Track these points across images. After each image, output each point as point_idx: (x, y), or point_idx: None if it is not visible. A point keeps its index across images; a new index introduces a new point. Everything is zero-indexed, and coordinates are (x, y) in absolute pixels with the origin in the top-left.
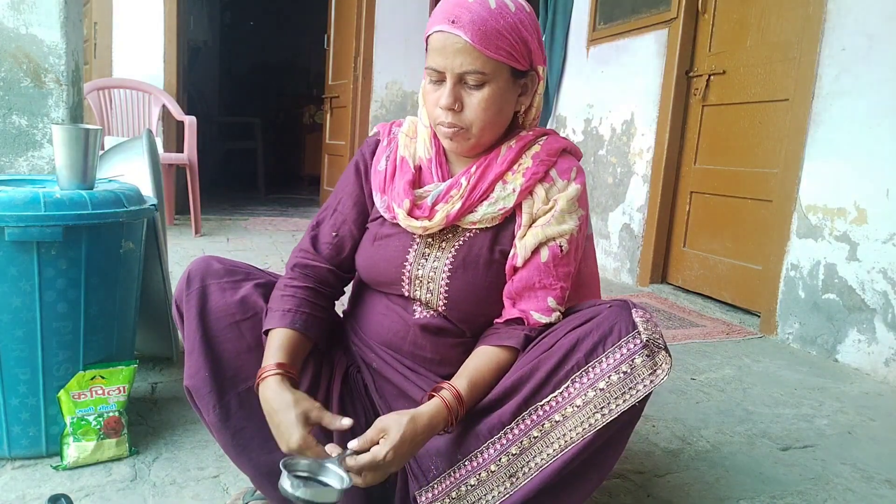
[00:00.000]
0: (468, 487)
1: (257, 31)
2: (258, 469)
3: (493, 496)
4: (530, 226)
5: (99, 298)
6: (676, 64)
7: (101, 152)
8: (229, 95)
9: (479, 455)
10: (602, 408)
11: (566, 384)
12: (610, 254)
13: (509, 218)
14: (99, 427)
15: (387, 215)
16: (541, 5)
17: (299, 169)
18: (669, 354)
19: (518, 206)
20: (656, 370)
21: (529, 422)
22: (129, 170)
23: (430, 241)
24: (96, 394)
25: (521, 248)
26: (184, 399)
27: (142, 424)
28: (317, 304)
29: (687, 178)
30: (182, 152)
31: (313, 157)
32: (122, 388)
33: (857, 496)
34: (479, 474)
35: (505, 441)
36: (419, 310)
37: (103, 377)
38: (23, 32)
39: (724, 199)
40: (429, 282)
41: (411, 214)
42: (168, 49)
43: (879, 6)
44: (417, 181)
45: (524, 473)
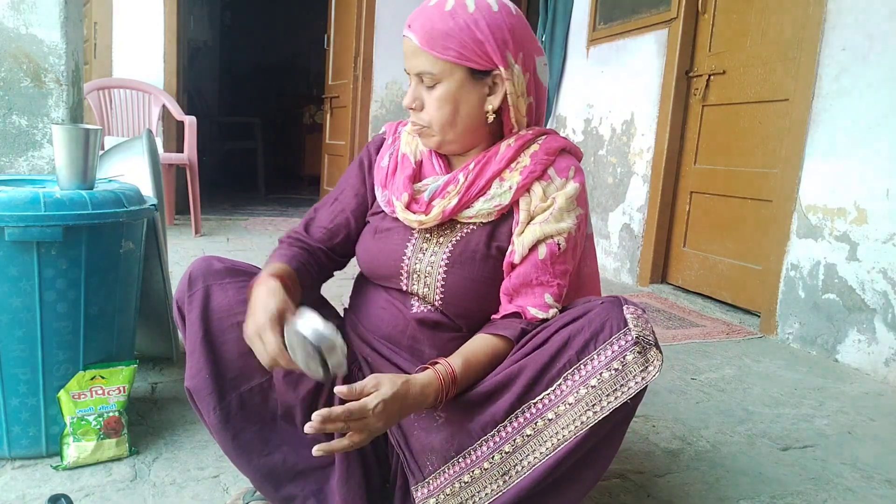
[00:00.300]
0: (462, 484)
1: (257, 31)
2: (258, 471)
3: (486, 493)
4: (528, 223)
5: (99, 298)
6: (676, 64)
7: (101, 152)
8: (229, 95)
9: (473, 452)
10: (594, 405)
11: (558, 381)
12: (610, 254)
13: (507, 215)
14: (99, 427)
15: (387, 209)
16: (541, 5)
17: (299, 169)
18: (661, 351)
19: (515, 204)
20: (648, 367)
21: (523, 420)
22: (129, 170)
23: (427, 235)
24: (96, 394)
25: (518, 245)
26: (184, 399)
27: (142, 424)
28: (308, 261)
29: (687, 178)
30: (182, 152)
31: (313, 157)
32: (122, 388)
33: (857, 496)
34: (473, 471)
35: (498, 439)
36: (417, 304)
37: (103, 377)
38: (23, 32)
39: (724, 199)
40: (426, 276)
41: (409, 208)
42: (168, 49)
43: (879, 6)
44: (418, 176)
45: (517, 472)
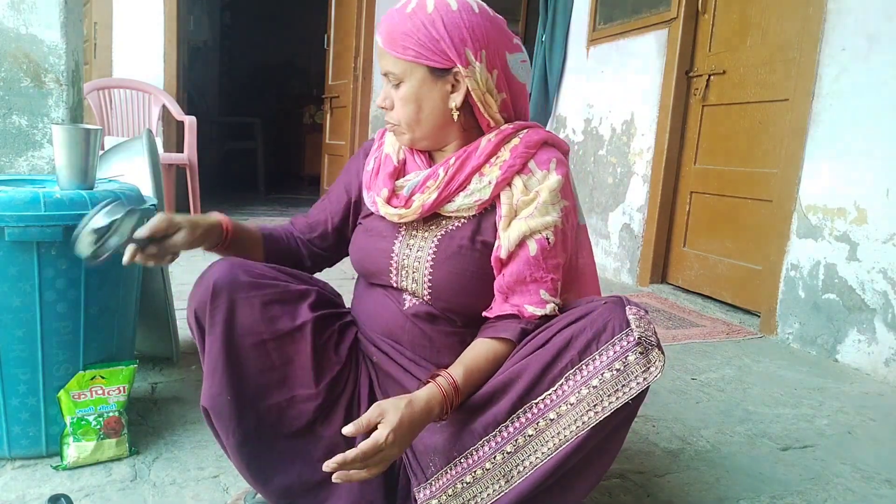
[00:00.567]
0: (464, 485)
1: (257, 31)
2: (275, 492)
3: (488, 494)
4: (513, 217)
5: (99, 298)
6: (676, 64)
7: (101, 152)
8: (229, 95)
9: (475, 452)
10: (595, 405)
11: (560, 381)
12: (610, 254)
13: (490, 209)
14: (99, 427)
15: (373, 209)
16: (541, 5)
17: (299, 169)
18: (663, 352)
19: (497, 198)
20: (650, 367)
21: (524, 420)
22: (129, 170)
23: (414, 231)
24: (96, 394)
25: (504, 240)
26: (184, 399)
27: (142, 424)
28: (281, 238)
29: (687, 178)
30: (182, 152)
31: (313, 157)
32: (122, 388)
33: (857, 496)
34: (475, 472)
35: (500, 439)
36: (409, 299)
37: (103, 377)
38: (23, 32)
39: (724, 199)
40: (413, 271)
41: (389, 203)
42: (168, 49)
43: (879, 6)
44: (402, 174)
45: (518, 472)
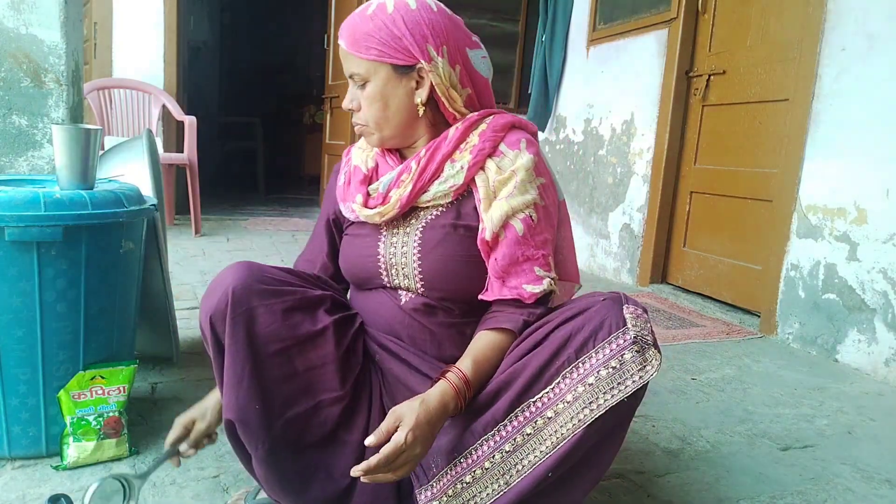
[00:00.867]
0: (463, 485)
1: (257, 31)
2: (298, 499)
3: (488, 494)
4: (492, 199)
5: (99, 298)
6: (676, 64)
7: (101, 152)
8: (229, 95)
9: (474, 452)
10: (591, 403)
11: (557, 380)
12: (610, 254)
13: (468, 195)
14: (99, 427)
15: (351, 216)
16: (541, 5)
17: (299, 169)
18: (659, 351)
19: (472, 182)
20: (646, 366)
21: (522, 418)
22: (129, 170)
23: (395, 230)
24: (96, 394)
25: (487, 221)
26: (184, 399)
27: (142, 424)
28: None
29: (687, 178)
30: (182, 152)
31: (313, 157)
32: (122, 388)
33: (857, 496)
34: (474, 471)
35: (499, 438)
36: (404, 295)
37: (103, 377)
38: (23, 32)
39: (724, 199)
40: (403, 267)
41: (367, 205)
42: (168, 49)
43: (879, 6)
44: (374, 179)
45: (517, 471)
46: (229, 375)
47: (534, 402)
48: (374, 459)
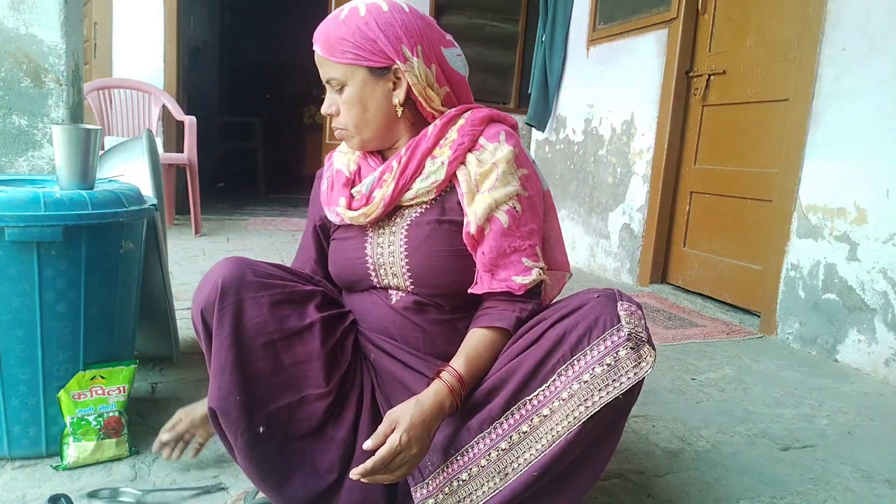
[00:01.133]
0: (460, 483)
1: (257, 31)
2: (280, 493)
3: (483, 492)
4: (475, 192)
5: (99, 298)
6: (676, 64)
7: (101, 152)
8: (229, 95)
9: (471, 450)
10: (586, 400)
11: (553, 377)
12: (610, 254)
13: (451, 190)
14: (99, 427)
15: (337, 220)
16: (541, 5)
17: (299, 169)
18: (653, 348)
19: (454, 177)
20: (640, 363)
21: (519, 416)
22: (129, 170)
23: (381, 230)
24: (96, 394)
25: (472, 215)
26: (184, 399)
27: (142, 424)
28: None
29: (687, 178)
30: (182, 152)
31: (313, 157)
32: (122, 388)
33: (857, 496)
34: (471, 469)
35: (495, 436)
36: (394, 294)
37: (103, 377)
38: (23, 32)
39: (724, 199)
40: (391, 266)
41: (350, 207)
42: (168, 49)
43: (879, 6)
44: (357, 182)
45: (513, 469)
46: (213, 365)
47: (530, 399)
48: (370, 462)
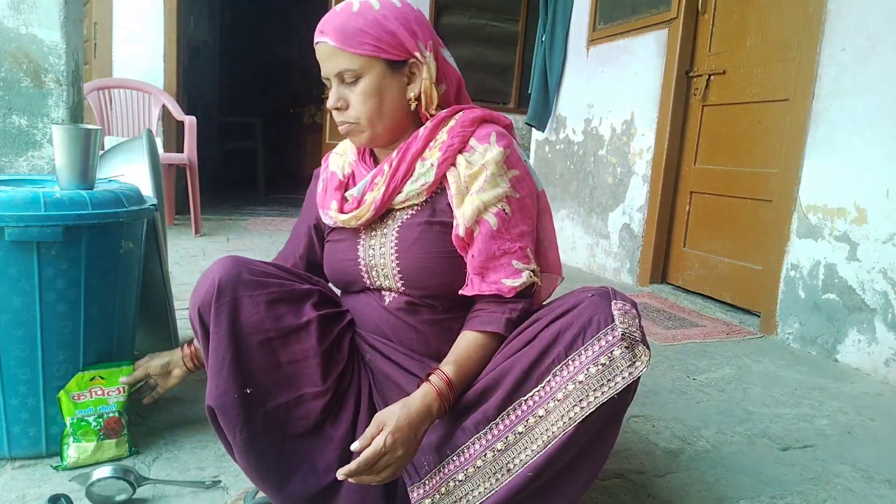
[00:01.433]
0: (456, 483)
1: (257, 31)
2: (279, 492)
3: (480, 492)
4: (464, 194)
5: (99, 298)
6: (676, 64)
7: (101, 152)
8: (229, 95)
9: (466, 450)
10: (581, 400)
11: (548, 378)
12: (610, 254)
13: (441, 192)
14: (99, 428)
15: (330, 223)
16: (541, 5)
17: (299, 169)
18: (648, 347)
19: (444, 179)
20: (635, 362)
21: (514, 417)
22: (129, 170)
23: (373, 232)
24: (96, 394)
25: (460, 217)
26: (184, 399)
27: (142, 424)
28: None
29: (687, 178)
30: (182, 152)
31: (313, 157)
32: (121, 389)
33: (857, 496)
34: (467, 470)
35: (490, 436)
36: (387, 295)
37: (103, 377)
38: (23, 32)
39: (724, 199)
40: (383, 268)
41: (342, 210)
42: (168, 49)
43: (879, 6)
44: (351, 184)
45: (509, 470)
46: (211, 363)
47: (525, 400)
48: (354, 463)
